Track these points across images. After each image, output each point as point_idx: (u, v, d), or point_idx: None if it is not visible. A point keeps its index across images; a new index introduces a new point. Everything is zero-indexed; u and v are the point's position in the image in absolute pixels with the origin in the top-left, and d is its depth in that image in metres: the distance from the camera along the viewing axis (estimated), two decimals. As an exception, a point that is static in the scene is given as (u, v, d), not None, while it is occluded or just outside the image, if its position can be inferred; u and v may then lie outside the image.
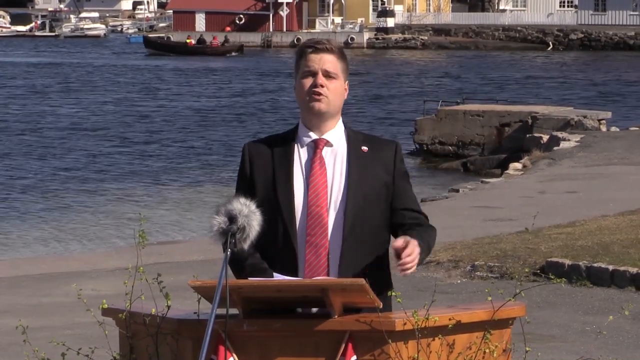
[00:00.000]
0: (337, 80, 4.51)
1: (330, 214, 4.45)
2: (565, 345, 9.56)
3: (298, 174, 4.48)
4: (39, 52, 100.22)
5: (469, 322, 4.21)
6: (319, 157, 4.49)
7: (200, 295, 4.25)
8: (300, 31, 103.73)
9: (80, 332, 7.91)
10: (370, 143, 4.56)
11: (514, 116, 33.87)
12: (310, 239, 4.44)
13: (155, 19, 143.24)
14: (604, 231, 14.70)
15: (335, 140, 4.52)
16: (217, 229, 4.11)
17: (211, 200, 25.13)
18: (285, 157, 4.50)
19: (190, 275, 4.71)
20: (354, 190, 4.45)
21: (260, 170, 4.51)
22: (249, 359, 4.15)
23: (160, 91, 62.65)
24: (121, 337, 4.46)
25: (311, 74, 4.48)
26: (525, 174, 24.84)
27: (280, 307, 4.30)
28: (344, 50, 4.60)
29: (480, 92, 53.57)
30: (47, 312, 11.72)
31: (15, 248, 21.64)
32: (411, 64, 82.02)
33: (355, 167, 4.48)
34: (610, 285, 12.15)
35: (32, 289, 13.75)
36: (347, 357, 4.08)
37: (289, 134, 4.57)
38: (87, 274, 14.44)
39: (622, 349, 9.62)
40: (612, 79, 67.26)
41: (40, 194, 28.62)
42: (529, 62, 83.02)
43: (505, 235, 14.96)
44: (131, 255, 4.66)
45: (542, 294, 11.41)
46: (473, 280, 12.73)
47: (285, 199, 4.43)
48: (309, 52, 4.49)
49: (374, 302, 4.14)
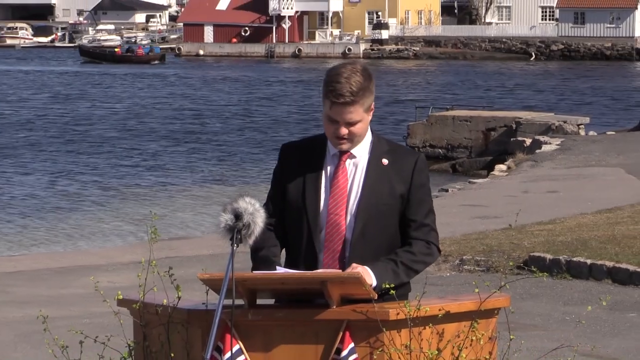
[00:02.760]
0: (361, 122, 4.41)
1: (347, 221, 4.43)
2: (546, 333, 9.56)
3: (324, 182, 4.47)
4: (60, 62, 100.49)
5: (458, 312, 4.21)
6: (342, 168, 4.46)
7: (208, 287, 4.25)
8: (302, 42, 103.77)
9: (97, 321, 7.91)
10: (392, 154, 4.49)
11: (499, 121, 33.91)
12: (328, 244, 4.43)
13: (166, 31, 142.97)
14: (582, 228, 14.70)
15: (359, 152, 4.47)
16: (224, 226, 4.12)
17: (219, 199, 25.12)
18: (315, 164, 4.48)
19: (199, 269, 4.70)
20: (366, 200, 4.42)
21: (292, 175, 4.49)
22: (254, 346, 4.15)
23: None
24: (135, 326, 4.46)
25: (334, 121, 4.40)
26: (509, 174, 24.84)
27: (284, 298, 4.31)
28: (368, 80, 4.40)
29: (468, 99, 53.53)
30: (66, 302, 11.72)
31: (37, 243, 21.65)
32: (404, 73, 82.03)
33: (372, 179, 4.44)
34: (589, 278, 12.15)
35: (52, 281, 13.76)
36: (345, 345, 4.07)
37: (322, 139, 4.52)
38: (103, 267, 14.44)
39: (600, 337, 9.62)
40: (590, 87, 67.28)
41: (61, 193, 28.62)
42: (513, 71, 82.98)
43: (491, 232, 14.96)
44: (144, 250, 4.66)
45: (525, 286, 11.41)
46: (461, 273, 12.73)
47: (312, 206, 4.41)
48: (334, 102, 4.36)
49: (369, 293, 4.13)
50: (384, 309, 4.11)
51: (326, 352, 4.11)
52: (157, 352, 4.31)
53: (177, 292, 4.33)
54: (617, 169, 22.88)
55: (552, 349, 5.38)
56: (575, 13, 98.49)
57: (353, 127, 4.38)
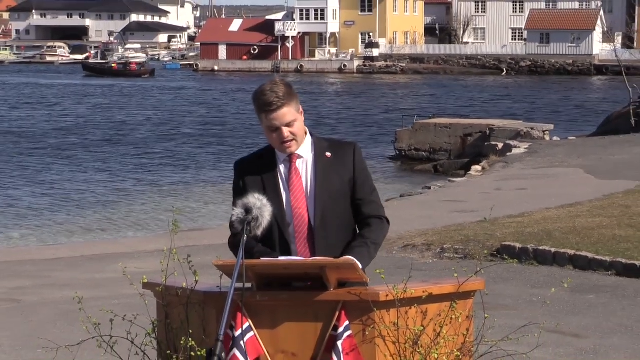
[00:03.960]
0: (297, 122, 4.46)
1: (309, 211, 4.47)
2: (516, 312, 9.56)
3: (281, 184, 4.49)
4: (68, 76, 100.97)
5: (439, 294, 4.21)
6: (294, 169, 4.50)
7: (222, 273, 4.25)
8: (303, 59, 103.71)
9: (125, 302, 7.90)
10: (333, 148, 4.55)
11: (475, 128, 33.92)
12: (298, 235, 4.46)
13: (186, 49, 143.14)
14: (547, 221, 14.69)
15: (305, 152, 4.52)
16: (236, 219, 4.13)
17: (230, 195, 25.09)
18: (270, 171, 4.50)
19: (214, 256, 4.70)
20: (320, 190, 4.46)
21: (251, 183, 4.50)
22: (262, 324, 4.15)
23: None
24: (158, 306, 4.46)
25: (275, 129, 4.43)
26: (484, 174, 24.83)
27: (287, 281, 4.30)
28: (289, 87, 4.46)
29: (448, 109, 53.53)
30: (98, 285, 11.73)
31: (74, 234, 21.66)
32: (392, 86, 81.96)
33: (320, 171, 4.49)
34: (553, 264, 12.15)
35: (87, 267, 13.76)
36: (341, 323, 4.08)
37: (270, 150, 4.54)
38: (130, 255, 14.44)
39: (562, 315, 9.62)
40: (554, 98, 67.25)
41: (93, 190, 28.63)
42: (487, 84, 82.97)
43: (468, 224, 14.95)
44: (166, 240, 4.65)
45: (497, 271, 11.42)
46: (442, 260, 12.73)
47: (276, 205, 4.39)
48: (266, 112, 4.40)
49: (362, 277, 4.15)
50: (375, 291, 4.11)
51: (324, 329, 4.11)
52: (177, 329, 4.31)
53: (195, 277, 4.33)
54: (577, 170, 22.88)
55: (521, 326, 5.38)
56: (541, 34, 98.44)
57: (291, 127, 4.43)
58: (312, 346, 4.11)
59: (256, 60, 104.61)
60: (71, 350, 5.25)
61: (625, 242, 12.55)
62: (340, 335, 4.05)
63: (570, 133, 38.45)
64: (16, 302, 11.20)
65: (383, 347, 4.09)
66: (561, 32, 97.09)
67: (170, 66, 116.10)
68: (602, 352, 8.59)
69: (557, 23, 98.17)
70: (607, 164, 23.52)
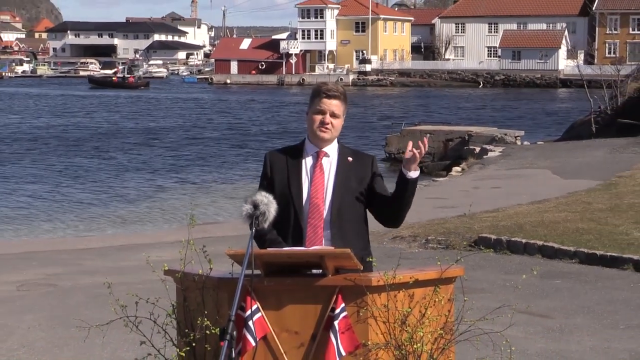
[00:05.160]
0: (339, 119, 4.54)
1: (325, 203, 4.47)
2: (491, 295, 9.55)
3: (304, 176, 4.50)
4: (74, 87, 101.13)
5: (424, 279, 4.20)
6: (319, 164, 4.52)
7: (233, 261, 4.24)
8: (305, 73, 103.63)
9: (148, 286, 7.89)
10: (354, 155, 4.60)
11: (455, 134, 33.90)
12: (311, 220, 4.46)
13: (202, 65, 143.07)
14: (519, 215, 14.69)
15: (331, 152, 4.55)
16: (245, 213, 4.12)
17: (241, 193, 25.12)
18: (296, 163, 4.52)
19: (226, 246, 4.70)
20: (339, 187, 4.48)
21: (278, 172, 4.53)
22: (268, 306, 4.14)
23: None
24: (177, 290, 4.45)
25: (322, 112, 4.50)
26: (463, 175, 24.82)
27: (290, 269, 4.30)
28: (346, 94, 4.59)
29: (432, 117, 53.52)
30: (125, 272, 11.72)
31: (102, 228, 21.65)
32: (383, 97, 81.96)
33: (341, 171, 4.51)
34: (524, 254, 12.16)
35: (115, 256, 13.75)
36: (338, 305, 4.07)
37: (299, 145, 4.59)
38: (153, 245, 14.43)
39: (532, 299, 9.62)
40: (525, 108, 67.26)
41: (121, 188, 28.64)
42: (465, 96, 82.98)
43: (449, 218, 14.95)
44: (185, 232, 4.65)
45: (475, 259, 11.40)
46: (427, 250, 12.72)
47: (296, 194, 4.45)
48: (324, 96, 4.50)
49: (356, 265, 4.14)
50: (368, 277, 4.10)
51: (323, 310, 4.10)
52: (194, 310, 4.30)
53: (210, 265, 4.32)
54: (545, 171, 22.87)
55: (496, 307, 5.37)
56: (513, 51, 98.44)
57: (335, 119, 4.49)
58: (312, 325, 4.10)
59: (263, 75, 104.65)
60: (101, 329, 5.25)
61: (587, 234, 12.57)
62: (336, 315, 4.04)
63: (539, 138, 38.44)
64: (53, 287, 11.19)
65: (375, 326, 4.08)
66: (531, 50, 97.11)
67: (188, 79, 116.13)
68: (566, 331, 8.59)
69: (527, 42, 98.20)
70: (571, 166, 23.50)
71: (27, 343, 8.48)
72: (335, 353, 4.02)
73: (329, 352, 4.02)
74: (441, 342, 4.20)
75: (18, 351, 8.23)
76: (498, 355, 4.97)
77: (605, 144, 29.20)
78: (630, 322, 8.85)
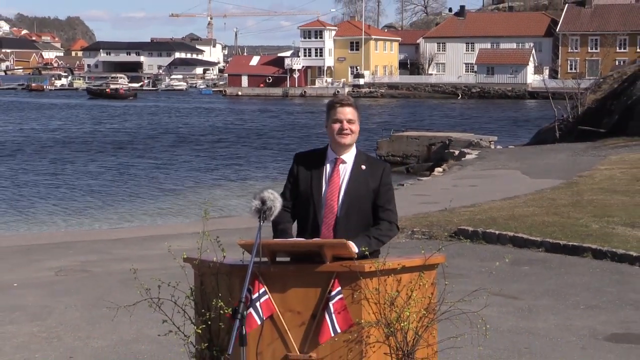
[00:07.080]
0: (355, 124, 4.51)
1: (338, 204, 4.45)
2: (469, 280, 9.55)
3: (324, 180, 4.48)
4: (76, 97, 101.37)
5: (410, 266, 4.19)
6: (337, 170, 4.49)
7: (244, 250, 4.23)
8: (306, 87, 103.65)
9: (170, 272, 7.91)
10: (368, 162, 4.54)
11: (437, 139, 33.91)
12: (326, 219, 4.45)
13: (217, 79, 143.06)
14: (493, 210, 14.70)
15: (348, 159, 4.51)
16: (254, 209, 4.10)
17: (251, 190, 25.12)
18: (318, 166, 4.50)
19: (238, 237, 4.68)
20: (350, 191, 4.45)
21: (303, 173, 4.51)
22: (274, 289, 4.12)
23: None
24: (195, 275, 4.44)
25: (339, 120, 4.47)
26: (444, 174, 24.82)
27: (294, 257, 4.28)
28: (357, 103, 4.58)
29: (417, 124, 53.52)
30: (149, 260, 11.72)
31: (128, 220, 21.65)
32: (374, 107, 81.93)
33: (354, 177, 4.47)
34: (497, 243, 12.15)
35: (140, 245, 13.75)
36: (334, 288, 4.06)
37: (322, 151, 4.56)
38: (174, 236, 14.43)
39: (504, 282, 9.62)
40: (497, 116, 67.27)
41: (146, 185, 28.62)
42: (446, 106, 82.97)
43: (432, 212, 14.96)
44: (201, 225, 4.63)
45: (455, 248, 11.41)
46: (412, 240, 12.71)
47: (316, 195, 4.44)
48: (338, 106, 4.48)
49: (352, 254, 4.12)
50: (361, 264, 4.09)
51: (322, 293, 4.09)
52: (210, 293, 4.29)
53: (223, 253, 4.30)
54: (516, 171, 22.87)
55: (473, 290, 5.36)
56: (488, 67, 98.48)
57: (351, 124, 4.46)
58: (313, 306, 4.09)
59: (270, 87, 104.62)
60: (128, 309, 5.24)
61: (551, 226, 12.56)
62: (333, 297, 4.03)
63: (510, 143, 38.42)
64: (87, 273, 11.18)
65: (367, 307, 4.07)
66: (503, 66, 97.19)
67: (205, 92, 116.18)
68: (534, 311, 8.58)
69: (499, 59, 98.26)
70: (538, 167, 23.50)
71: (65, 321, 8.49)
72: (329, 330, 4.02)
73: (324, 329, 4.02)
74: (425, 321, 4.18)
75: (57, 328, 8.24)
76: (475, 332, 4.95)
77: (567, 147, 29.21)
78: (589, 303, 8.85)
